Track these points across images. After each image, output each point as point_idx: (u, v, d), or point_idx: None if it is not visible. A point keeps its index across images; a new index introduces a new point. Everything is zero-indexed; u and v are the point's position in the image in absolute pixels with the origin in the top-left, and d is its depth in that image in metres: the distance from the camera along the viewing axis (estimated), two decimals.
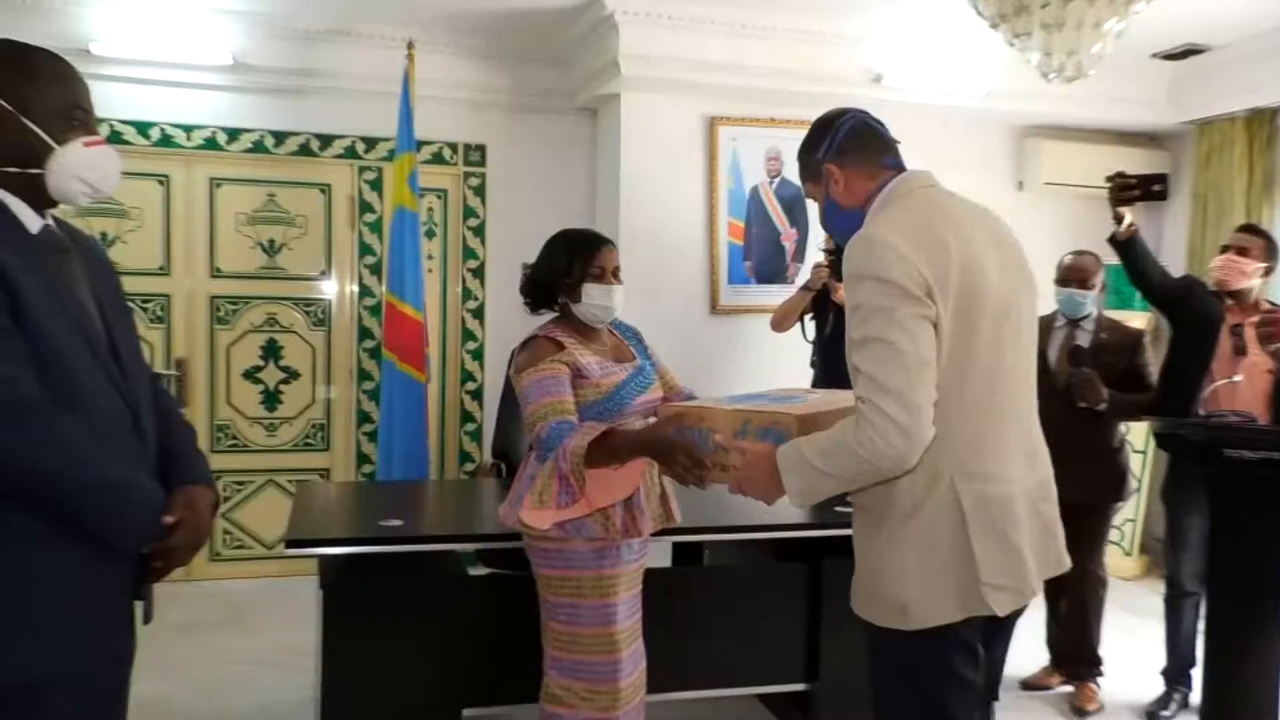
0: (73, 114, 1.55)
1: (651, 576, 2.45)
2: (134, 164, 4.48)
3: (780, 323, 4.11)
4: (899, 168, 1.84)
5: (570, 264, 2.33)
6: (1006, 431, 1.72)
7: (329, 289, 4.89)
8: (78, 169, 1.55)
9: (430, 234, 4.96)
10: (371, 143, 4.82)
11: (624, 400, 2.30)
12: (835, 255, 3.87)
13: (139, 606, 1.61)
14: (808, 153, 1.87)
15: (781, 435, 1.81)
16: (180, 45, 4.38)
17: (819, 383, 4.00)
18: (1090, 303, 3.45)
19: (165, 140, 4.58)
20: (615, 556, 2.29)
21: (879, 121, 1.88)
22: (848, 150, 1.82)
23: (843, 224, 1.84)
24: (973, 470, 1.68)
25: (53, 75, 1.55)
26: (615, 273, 2.36)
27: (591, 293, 2.32)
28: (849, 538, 1.84)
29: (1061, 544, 1.84)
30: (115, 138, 4.44)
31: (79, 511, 1.45)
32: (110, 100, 4.40)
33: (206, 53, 4.43)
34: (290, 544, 2.55)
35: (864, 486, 1.71)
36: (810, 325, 4.10)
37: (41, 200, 1.55)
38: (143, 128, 4.55)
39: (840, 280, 3.69)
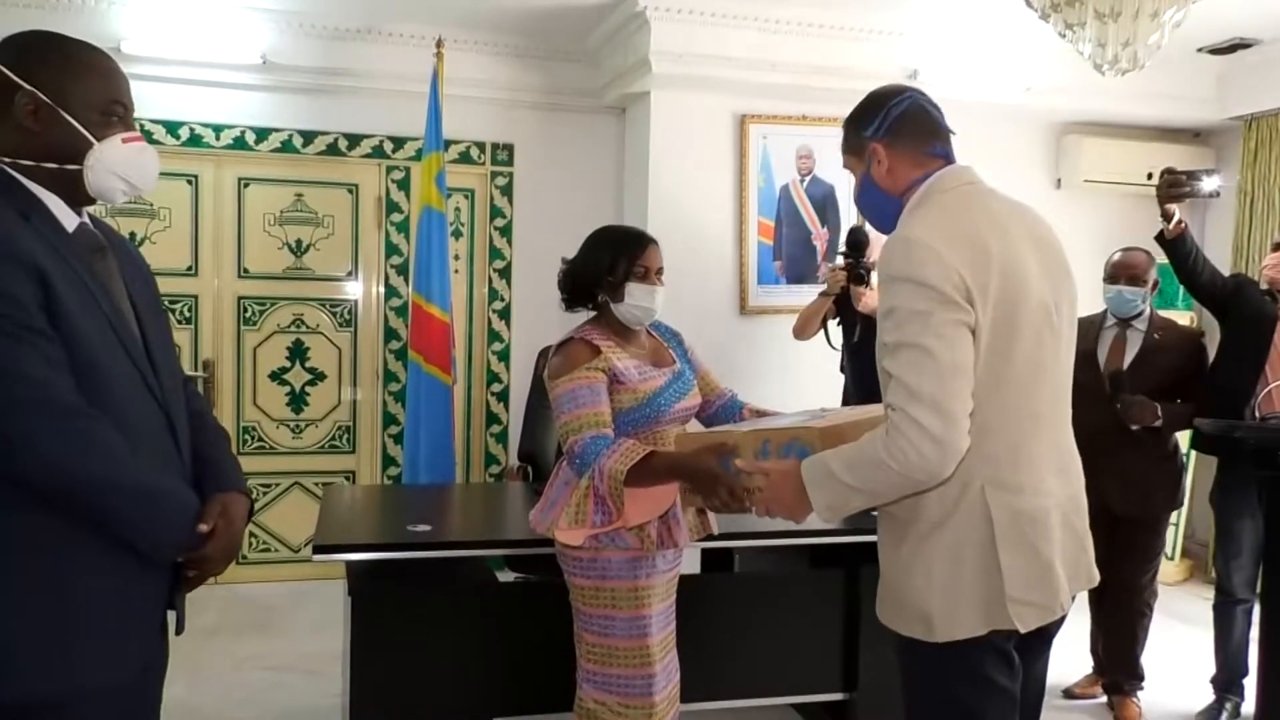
0: (112, 109, 1.53)
1: (682, 584, 2.42)
2: (163, 163, 4.38)
3: (802, 330, 4.05)
4: (948, 158, 1.78)
5: (615, 261, 2.30)
6: (1041, 442, 1.69)
7: (355, 290, 4.90)
8: (116, 166, 1.53)
9: (457, 234, 4.96)
10: (399, 142, 4.84)
11: (662, 407, 2.27)
12: (852, 259, 3.81)
13: (171, 615, 1.60)
14: (856, 127, 1.82)
15: (804, 450, 1.78)
16: (210, 44, 4.41)
17: (850, 389, 3.95)
18: (1142, 301, 3.38)
19: (194, 140, 4.61)
20: (650, 567, 2.27)
21: (936, 105, 1.83)
22: (899, 132, 1.76)
23: (877, 207, 1.81)
24: (1005, 481, 1.65)
25: (93, 69, 1.53)
26: (659, 273, 2.33)
27: (635, 292, 2.29)
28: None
29: (1091, 558, 1.80)
30: (145, 138, 4.46)
31: (113, 519, 1.43)
32: (140, 99, 4.33)
33: (236, 52, 4.46)
34: (318, 549, 2.54)
35: (895, 500, 1.67)
36: (836, 331, 4.04)
37: (79, 198, 1.53)
38: (172, 127, 4.58)
39: (859, 284, 3.67)
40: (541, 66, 4.90)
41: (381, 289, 4.90)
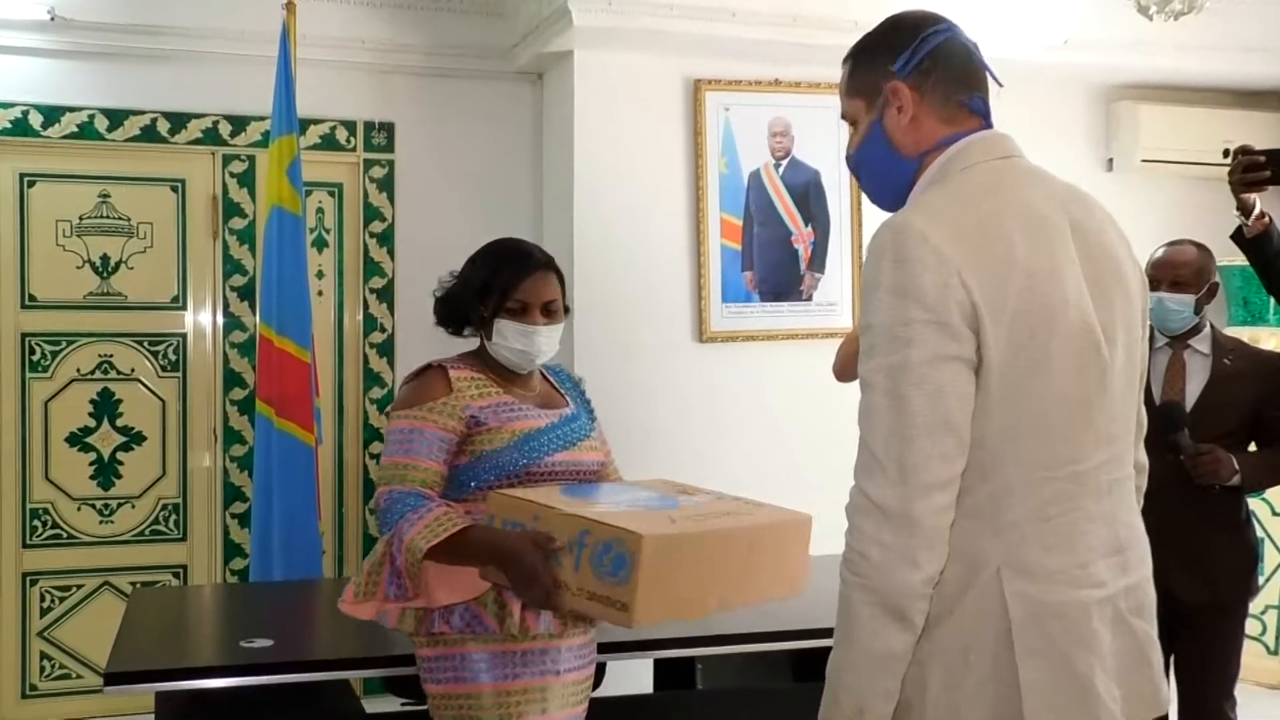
0: None
1: (627, 707, 2.40)
2: None
3: (846, 369, 3.93)
4: (984, 118, 1.76)
5: (486, 288, 2.39)
6: (1085, 510, 1.63)
7: (183, 321, 4.83)
8: None
9: (320, 244, 4.92)
10: (239, 123, 4.79)
11: (536, 453, 2.32)
12: None
13: None
14: (872, 57, 1.76)
15: (623, 560, 1.92)
16: None
17: None
18: (1189, 312, 3.37)
19: None
20: (519, 663, 2.27)
21: (976, 45, 1.80)
22: (931, 73, 1.72)
23: (884, 171, 1.77)
24: (1029, 564, 1.59)
25: None
26: (547, 308, 2.40)
27: (506, 331, 2.37)
28: None
29: (1159, 675, 1.74)
30: None
31: None
32: None
33: (14, 5, 4.37)
34: (111, 678, 2.47)
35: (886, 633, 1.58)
36: None
37: None
38: None
39: None
40: (428, 20, 4.88)
41: (219, 319, 4.84)
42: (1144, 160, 5.24)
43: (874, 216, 4.75)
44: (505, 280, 2.37)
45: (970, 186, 1.67)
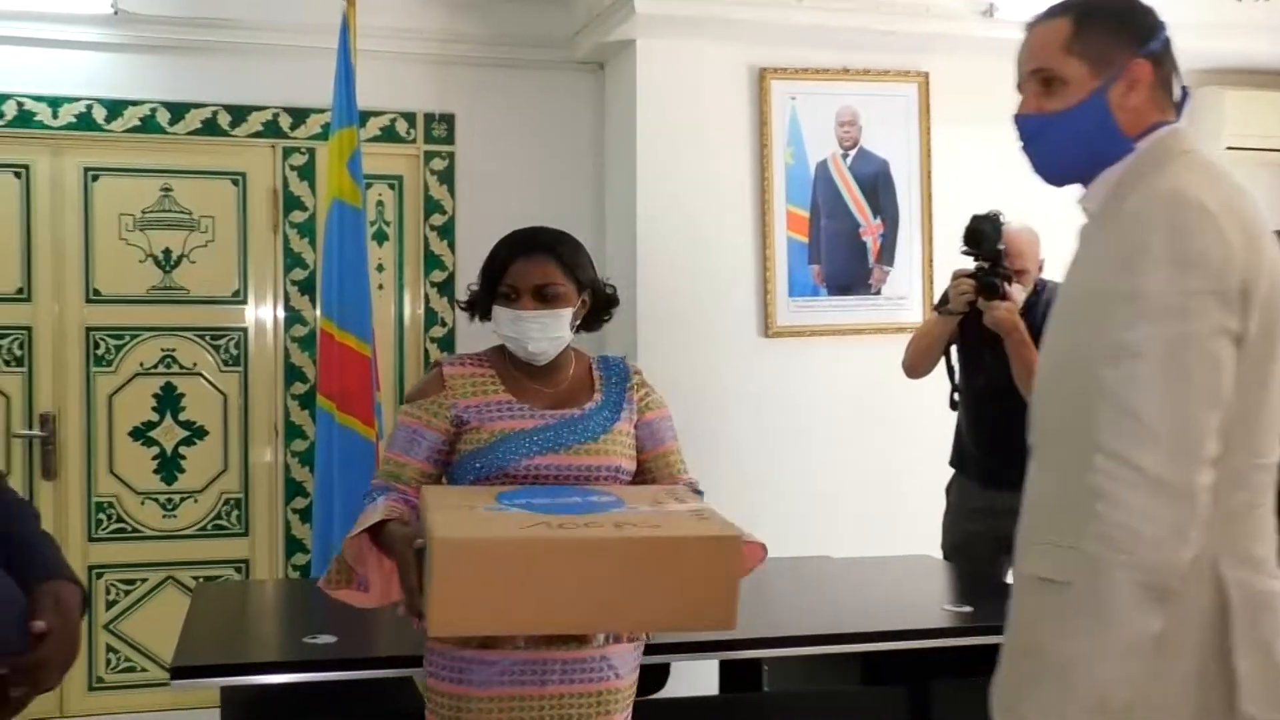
0: None
1: (689, 709, 2.37)
2: None
3: (916, 365, 3.88)
4: (1178, 112, 1.80)
5: (485, 274, 2.41)
6: (1271, 503, 1.68)
7: (245, 315, 4.88)
8: None
9: (380, 237, 4.95)
10: (299, 116, 4.83)
11: (512, 455, 2.29)
12: (989, 264, 3.55)
13: None
14: (1107, 29, 1.77)
15: (430, 564, 1.88)
16: None
17: (970, 442, 3.80)
18: None
19: (24, 118, 4.58)
20: (515, 671, 2.25)
21: None
22: (1163, 60, 1.77)
23: (1090, 139, 1.77)
24: (1246, 553, 1.63)
25: None
26: (541, 293, 2.35)
27: (499, 318, 2.37)
28: (968, 650, 1.75)
29: None
30: None
31: None
32: None
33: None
34: (178, 672, 2.51)
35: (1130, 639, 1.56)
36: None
37: None
38: None
39: (992, 298, 3.52)
40: (489, 9, 4.89)
41: (280, 313, 4.88)
42: (1228, 147, 5.13)
43: (945, 208, 4.71)
44: (497, 265, 2.37)
45: (1200, 169, 1.70)
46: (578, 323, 2.42)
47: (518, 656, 2.24)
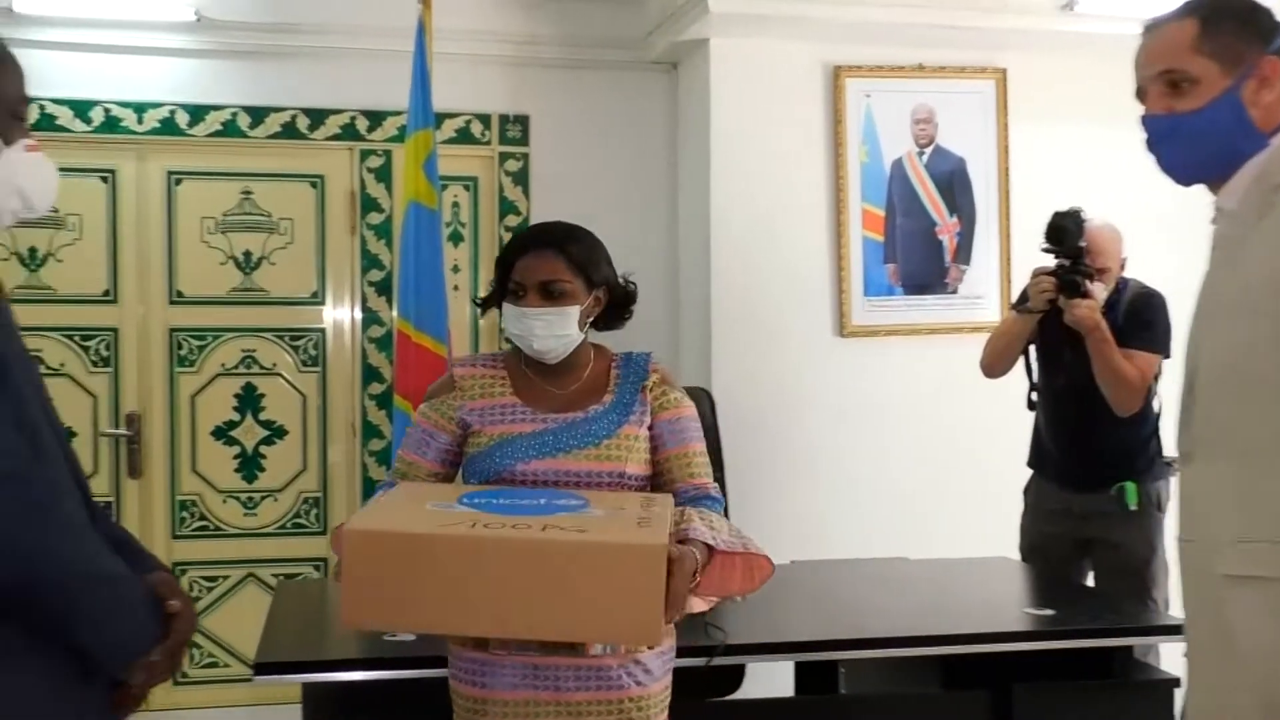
0: (22, 109, 1.62)
1: (764, 710, 2.36)
2: (72, 156, 4.57)
3: (994, 365, 3.84)
4: None
5: (495, 269, 2.39)
6: None
7: (323, 316, 4.94)
8: (20, 179, 1.60)
9: (456, 238, 4.98)
10: (376, 118, 4.87)
11: (509, 459, 2.27)
12: (1070, 262, 3.49)
13: None
14: (1236, 28, 1.81)
15: None
16: None
17: (1050, 441, 3.75)
18: None
19: (110, 124, 4.67)
20: (529, 675, 2.21)
21: None
22: None
23: (1223, 137, 1.80)
24: None
25: (4, 57, 1.61)
26: (546, 289, 2.30)
27: (506, 315, 2.34)
28: (1050, 654, 1.73)
29: None
30: (46, 122, 4.55)
31: (67, 614, 1.50)
32: (40, 74, 4.47)
33: (162, 7, 4.52)
34: (261, 668, 2.55)
35: None
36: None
37: None
38: (81, 109, 4.65)
39: (1074, 296, 3.47)
40: (562, 10, 4.91)
41: (357, 314, 4.93)
42: None
43: (1023, 206, 4.66)
44: (506, 261, 2.35)
45: None
46: (590, 321, 2.37)
47: (520, 660, 2.21)
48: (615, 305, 2.40)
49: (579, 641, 2.05)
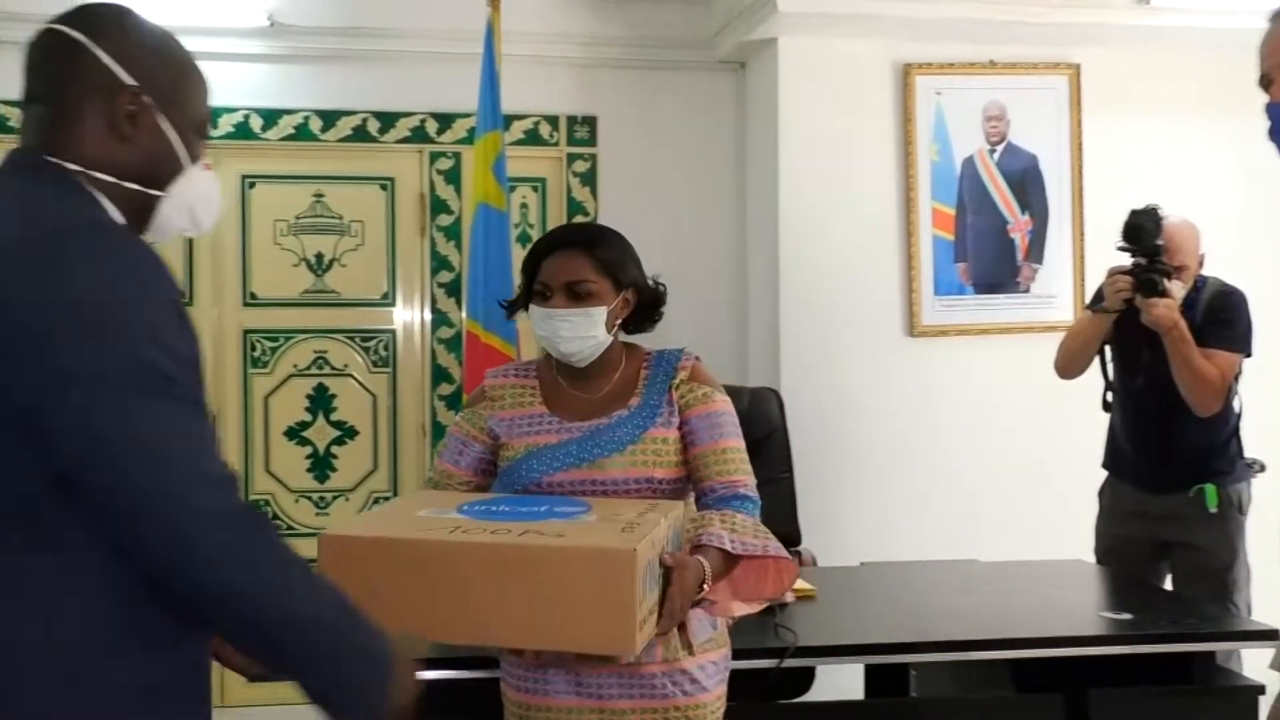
0: (205, 126, 1.63)
1: (834, 713, 2.35)
2: None
3: (1069, 366, 3.78)
4: None
5: (522, 271, 2.34)
6: None
7: (394, 317, 4.99)
8: (195, 199, 1.62)
9: (524, 239, 4.99)
10: (446, 121, 4.92)
11: (537, 472, 2.25)
12: (1147, 260, 3.43)
13: None
14: None
15: None
16: (204, 4, 4.56)
17: (1125, 442, 3.70)
18: None
19: None
20: (576, 683, 2.21)
21: None
22: None
23: None
24: None
25: (195, 70, 1.62)
26: (573, 290, 2.25)
27: (533, 316, 2.30)
28: (1127, 659, 1.71)
29: None
30: None
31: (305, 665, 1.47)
32: None
33: (235, 12, 4.61)
34: None
35: None
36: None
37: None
38: None
39: (1151, 295, 3.42)
40: (630, 11, 4.92)
41: (427, 315, 4.98)
42: None
43: (1097, 203, 4.60)
44: (532, 262, 2.30)
45: None
46: (618, 322, 2.31)
47: (562, 668, 2.21)
48: (645, 306, 2.35)
49: (556, 649, 1.98)
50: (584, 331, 2.24)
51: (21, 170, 1.50)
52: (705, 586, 1.99)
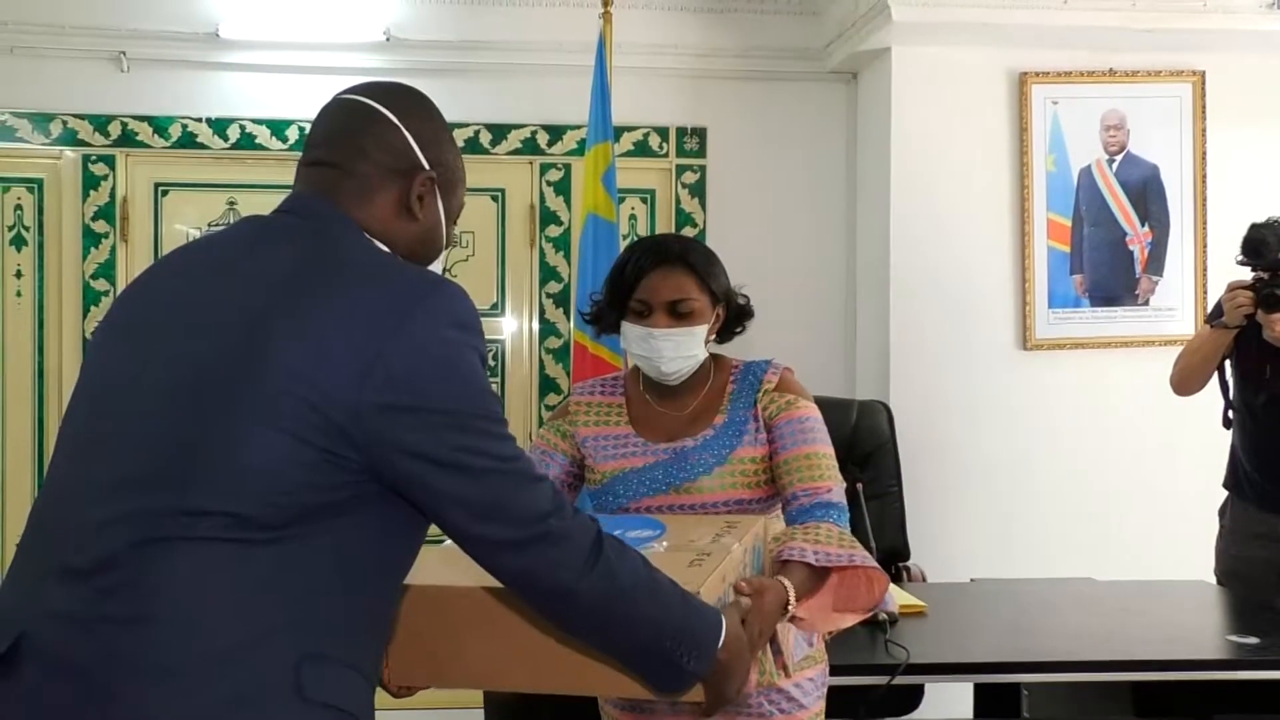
0: (458, 217, 1.71)
1: None
2: (266, 174, 4.80)
3: (1186, 381, 3.70)
4: None
5: (613, 288, 2.24)
6: None
7: (504, 326, 5.05)
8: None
9: None
10: (556, 133, 4.97)
11: (622, 499, 2.21)
12: (1269, 275, 3.34)
13: None
14: None
15: None
16: (324, 20, 4.69)
17: (1248, 460, 3.59)
18: None
19: (304, 142, 4.87)
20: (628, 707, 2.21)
21: None
22: None
23: None
24: None
25: (463, 167, 1.71)
26: (675, 309, 2.19)
27: (629, 335, 2.23)
28: (1253, 685, 1.67)
29: None
30: (247, 141, 4.78)
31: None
32: (241, 95, 4.74)
33: (355, 28, 4.72)
34: None
35: None
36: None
37: None
38: (278, 128, 4.86)
39: (1273, 310, 3.33)
40: (741, 22, 4.93)
41: (536, 325, 5.03)
42: None
43: (1220, 215, 4.49)
44: (628, 278, 2.20)
45: None
46: (711, 337, 2.27)
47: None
48: (729, 319, 2.29)
49: (616, 696, 1.92)
50: (686, 351, 2.20)
51: (325, 219, 1.56)
52: (788, 609, 1.92)
